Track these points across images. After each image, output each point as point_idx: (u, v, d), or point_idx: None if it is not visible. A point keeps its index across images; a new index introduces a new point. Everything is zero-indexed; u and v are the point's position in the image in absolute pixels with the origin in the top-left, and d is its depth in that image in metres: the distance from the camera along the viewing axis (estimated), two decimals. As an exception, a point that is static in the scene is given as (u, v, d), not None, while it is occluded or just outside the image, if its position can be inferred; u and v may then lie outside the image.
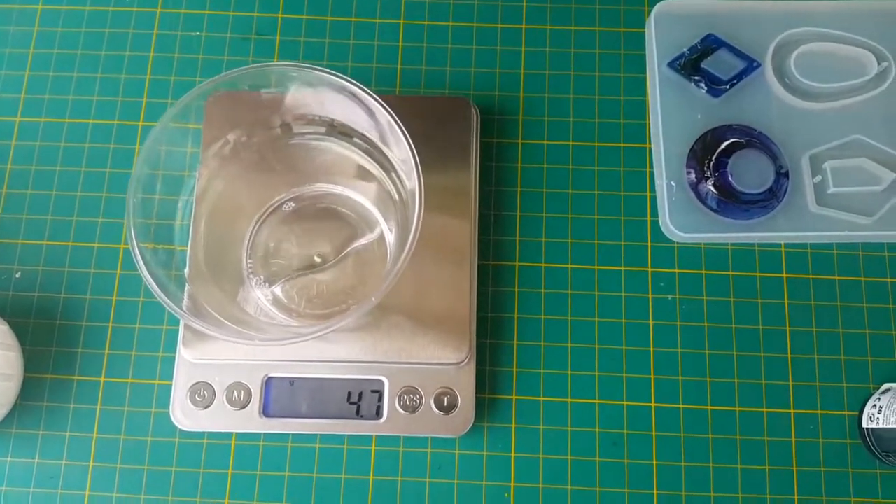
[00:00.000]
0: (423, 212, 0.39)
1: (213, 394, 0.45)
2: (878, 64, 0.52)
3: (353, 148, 0.46)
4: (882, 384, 0.46)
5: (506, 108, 0.52)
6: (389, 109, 0.40)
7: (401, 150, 0.41)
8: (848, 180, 0.50)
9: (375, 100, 0.40)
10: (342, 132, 0.46)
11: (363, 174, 0.47)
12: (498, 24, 0.54)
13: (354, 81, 0.41)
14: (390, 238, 0.47)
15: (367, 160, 0.46)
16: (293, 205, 0.48)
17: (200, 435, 0.46)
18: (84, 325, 0.49)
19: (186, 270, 0.43)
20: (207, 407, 0.45)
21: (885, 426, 0.44)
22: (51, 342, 0.48)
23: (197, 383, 0.45)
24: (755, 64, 0.52)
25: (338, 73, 0.41)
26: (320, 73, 0.41)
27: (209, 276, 0.44)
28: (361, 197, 0.48)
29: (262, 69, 0.41)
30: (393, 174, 0.45)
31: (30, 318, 0.49)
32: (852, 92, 0.52)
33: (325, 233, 0.47)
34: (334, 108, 0.43)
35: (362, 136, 0.45)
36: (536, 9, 0.54)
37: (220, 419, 0.45)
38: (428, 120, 0.48)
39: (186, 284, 0.42)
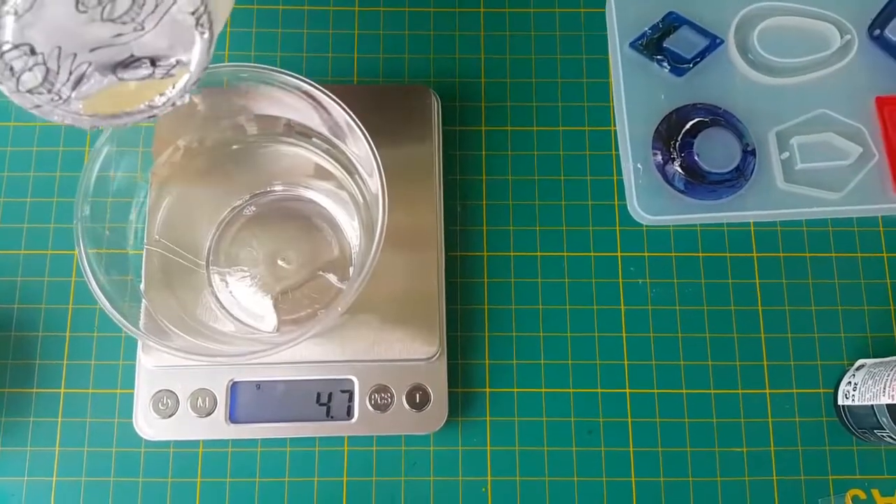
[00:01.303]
0: (387, 217, 0.37)
1: (177, 401, 0.43)
2: (841, 37, 0.51)
3: (313, 148, 0.45)
4: (856, 360, 0.46)
5: (467, 95, 0.51)
6: (347, 109, 0.39)
7: (361, 149, 0.39)
8: (815, 156, 0.49)
9: (332, 99, 0.39)
10: (300, 132, 0.44)
11: (324, 174, 0.46)
12: (456, 9, 0.53)
13: (309, 80, 0.39)
14: (354, 239, 0.45)
15: (328, 160, 0.45)
16: (254, 209, 0.46)
17: (166, 444, 0.45)
18: (40, 335, 0.47)
19: (142, 285, 0.42)
20: (171, 415, 0.43)
21: (860, 403, 0.44)
22: (6, 355, 0.47)
23: (160, 391, 0.43)
24: (718, 41, 0.51)
25: (291, 73, 0.39)
26: (272, 72, 0.39)
27: (166, 286, 0.43)
28: (323, 198, 0.46)
29: (211, 71, 0.40)
30: (356, 175, 0.43)
31: (-17, 331, 0.47)
32: (816, 66, 0.52)
33: (288, 235, 0.46)
34: (290, 108, 0.42)
35: (321, 136, 0.44)
36: (494, -9, 0.53)
37: (185, 428, 0.43)
38: (388, 110, 0.47)
39: (142, 299, 0.41)
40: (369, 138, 0.38)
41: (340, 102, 0.39)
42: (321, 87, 0.39)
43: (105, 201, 0.40)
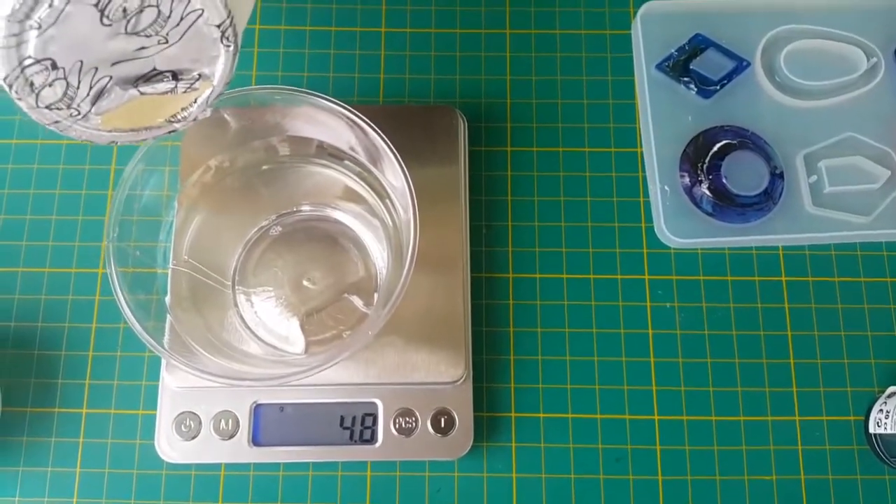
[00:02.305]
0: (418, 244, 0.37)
1: (200, 423, 0.43)
2: (868, 60, 0.51)
3: (343, 170, 0.44)
4: (887, 387, 0.45)
5: (493, 116, 0.51)
6: (382, 135, 0.38)
7: (394, 175, 0.39)
8: (843, 179, 0.49)
9: (368, 124, 0.39)
10: (331, 154, 0.44)
11: (353, 196, 0.45)
12: (482, 31, 0.53)
13: (346, 105, 0.39)
14: (380, 261, 0.45)
15: (358, 183, 0.45)
16: (279, 229, 0.46)
17: (188, 466, 0.45)
18: (63, 354, 0.47)
19: (167, 298, 0.42)
20: (194, 437, 0.43)
21: (893, 431, 0.43)
22: (29, 373, 0.46)
23: (182, 413, 0.43)
24: (744, 63, 0.51)
25: (327, 97, 0.39)
26: (307, 95, 0.39)
27: (192, 305, 0.43)
28: (350, 218, 0.46)
29: (243, 94, 0.40)
30: (386, 199, 0.43)
31: (7, 349, 0.47)
32: (843, 89, 0.51)
33: (313, 256, 0.46)
34: (323, 130, 0.42)
35: (353, 159, 0.43)
36: (520, 13, 0.53)
37: (207, 450, 0.43)
38: (414, 130, 0.47)
39: (168, 314, 0.40)
40: (405, 168, 0.38)
41: (376, 128, 0.38)
42: (357, 112, 0.39)
43: (134, 220, 0.40)
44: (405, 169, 0.38)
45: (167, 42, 0.30)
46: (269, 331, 0.44)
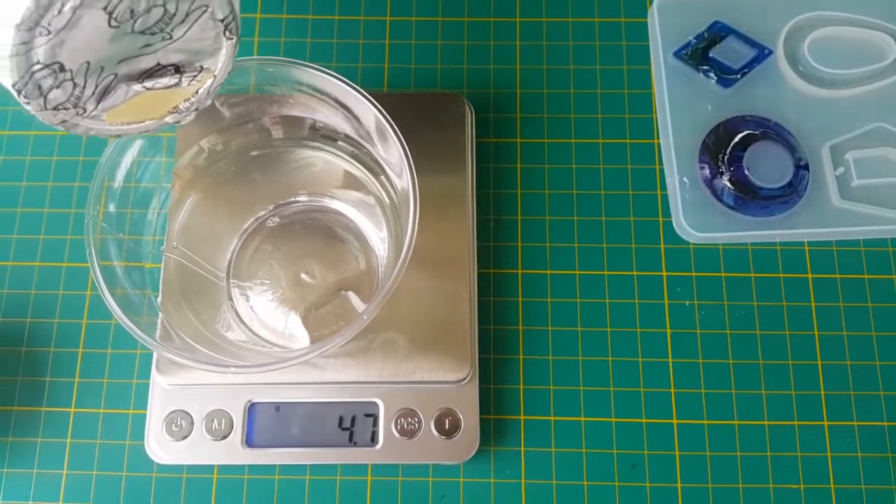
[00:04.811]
0: (418, 219, 0.35)
1: (192, 423, 0.41)
2: (897, 47, 0.49)
3: (338, 152, 0.43)
4: (924, 390, 0.43)
5: (502, 106, 0.49)
6: (376, 103, 0.37)
7: (390, 150, 0.37)
8: (872, 171, 0.47)
9: (360, 93, 0.37)
10: (325, 135, 0.42)
11: (350, 182, 0.43)
12: (490, 18, 0.51)
13: (335, 74, 0.37)
14: (381, 250, 0.43)
15: (355, 165, 0.43)
16: (277, 220, 0.44)
17: (179, 469, 0.42)
18: (52, 350, 0.45)
19: (158, 299, 0.40)
20: (185, 438, 0.41)
21: (931, 437, 0.40)
22: (17, 371, 0.44)
23: (173, 412, 0.41)
24: (766, 51, 0.49)
25: (317, 66, 0.37)
26: (298, 67, 0.38)
27: (184, 299, 0.41)
28: (349, 208, 0.44)
29: (237, 63, 0.38)
30: (383, 177, 0.41)
31: (-6, 346, 0.45)
32: (871, 78, 0.49)
33: (312, 248, 0.44)
34: (316, 109, 0.40)
35: (347, 139, 0.42)
36: (531, 0, 0.51)
37: (199, 451, 0.41)
38: (419, 118, 0.45)
39: (159, 311, 0.39)
40: (399, 134, 0.36)
41: (369, 96, 0.37)
42: (348, 81, 0.37)
43: (129, 213, 0.39)
44: (398, 132, 0.36)
45: (171, 38, 0.30)
46: (266, 326, 0.42)
